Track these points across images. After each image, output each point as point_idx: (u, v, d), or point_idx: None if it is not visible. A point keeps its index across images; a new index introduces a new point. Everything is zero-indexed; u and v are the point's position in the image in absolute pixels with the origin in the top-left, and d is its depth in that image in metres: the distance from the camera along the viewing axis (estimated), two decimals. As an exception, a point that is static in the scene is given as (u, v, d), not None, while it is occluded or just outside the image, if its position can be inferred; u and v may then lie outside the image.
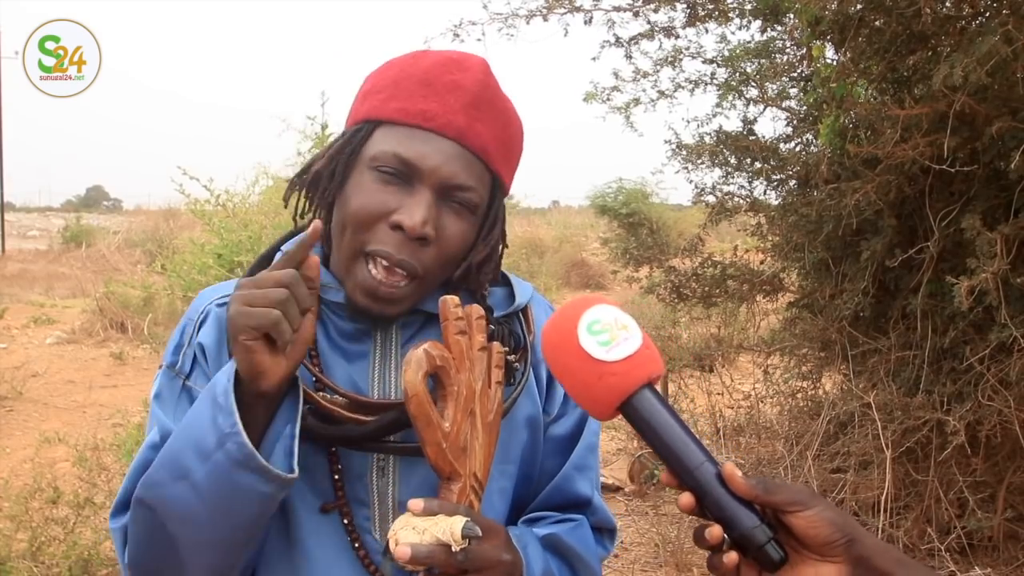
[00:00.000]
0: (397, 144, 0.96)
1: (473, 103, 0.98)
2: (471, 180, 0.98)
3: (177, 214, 16.74)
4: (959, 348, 3.19)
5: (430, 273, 0.98)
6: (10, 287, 12.94)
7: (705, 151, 4.12)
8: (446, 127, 0.96)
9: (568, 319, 0.83)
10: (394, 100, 0.98)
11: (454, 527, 0.82)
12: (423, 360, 0.87)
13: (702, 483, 0.78)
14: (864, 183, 3.11)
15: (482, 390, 0.93)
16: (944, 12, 2.95)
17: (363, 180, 0.97)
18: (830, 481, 3.66)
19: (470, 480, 0.90)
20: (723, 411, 4.79)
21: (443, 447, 0.88)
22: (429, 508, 0.85)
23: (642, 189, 9.84)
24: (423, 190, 0.95)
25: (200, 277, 3.29)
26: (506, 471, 1.06)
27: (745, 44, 4.12)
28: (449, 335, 0.91)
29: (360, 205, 0.96)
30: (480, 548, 0.85)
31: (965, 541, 3.37)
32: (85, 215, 24.39)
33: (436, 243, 0.96)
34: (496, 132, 1.00)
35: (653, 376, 0.81)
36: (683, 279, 4.46)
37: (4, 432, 5.97)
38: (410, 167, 0.95)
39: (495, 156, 1.00)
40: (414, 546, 0.82)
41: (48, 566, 3.15)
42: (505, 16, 3.63)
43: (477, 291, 1.06)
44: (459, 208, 0.98)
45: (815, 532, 0.75)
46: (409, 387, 0.86)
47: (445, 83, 0.98)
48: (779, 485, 0.77)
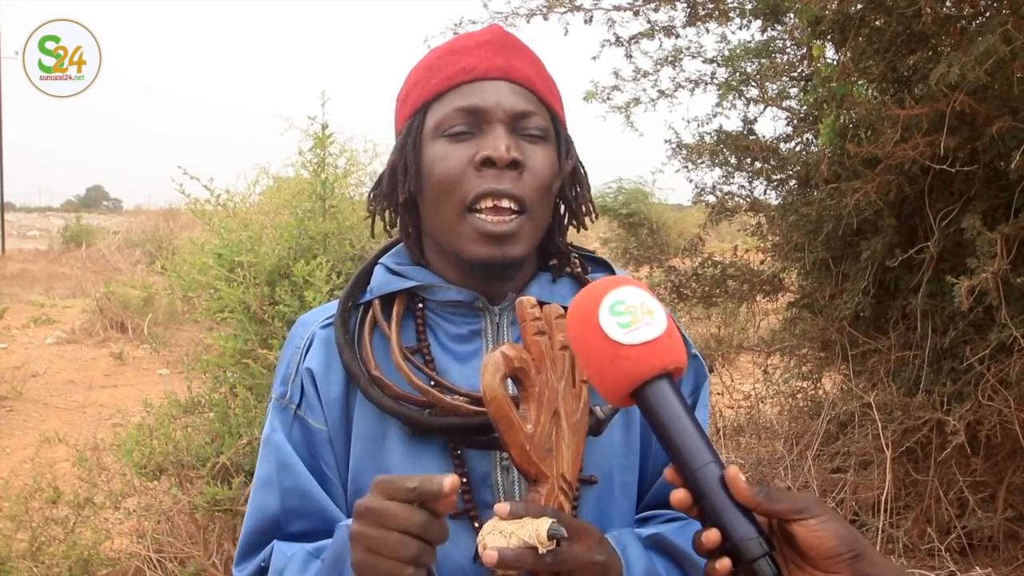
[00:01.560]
0: (454, 102, 0.99)
1: (504, 47, 1.03)
2: (532, 107, 1.01)
3: (177, 214, 16.75)
4: (959, 348, 3.19)
5: (533, 204, 0.98)
6: (10, 287, 12.94)
7: (705, 151, 4.12)
8: (490, 70, 1.00)
9: (593, 297, 0.81)
10: (433, 79, 1.02)
11: (540, 529, 0.80)
12: (500, 362, 0.85)
13: (703, 485, 0.74)
14: (864, 183, 3.11)
15: (565, 389, 0.91)
16: (944, 12, 2.95)
17: (436, 150, 0.99)
18: (830, 481, 3.66)
19: (558, 481, 0.88)
20: (723, 411, 4.79)
21: (527, 449, 0.86)
22: (516, 511, 0.82)
23: (642, 189, 9.83)
24: (495, 127, 0.98)
25: (200, 277, 3.28)
26: (629, 463, 1.04)
27: (745, 44, 4.12)
28: (527, 335, 0.89)
29: (444, 167, 0.98)
30: (570, 549, 0.83)
31: (965, 541, 3.37)
32: (85, 215, 24.38)
33: (527, 169, 0.98)
34: (534, 68, 1.04)
35: (670, 366, 0.78)
36: (683, 279, 4.45)
37: (4, 432, 5.97)
38: (474, 114, 0.98)
39: (541, 87, 1.03)
40: (501, 550, 0.80)
41: (48, 566, 3.15)
42: (505, 15, 3.63)
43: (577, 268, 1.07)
44: (532, 138, 1.00)
45: (819, 543, 0.71)
46: (487, 390, 0.84)
47: (471, 44, 1.03)
48: (783, 493, 0.73)
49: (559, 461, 0.89)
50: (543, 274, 1.07)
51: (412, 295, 1.04)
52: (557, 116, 1.05)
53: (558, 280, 1.07)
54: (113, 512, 3.46)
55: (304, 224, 3.29)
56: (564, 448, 0.89)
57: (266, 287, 3.16)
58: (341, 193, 3.50)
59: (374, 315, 1.03)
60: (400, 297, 1.04)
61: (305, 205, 3.35)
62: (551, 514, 0.83)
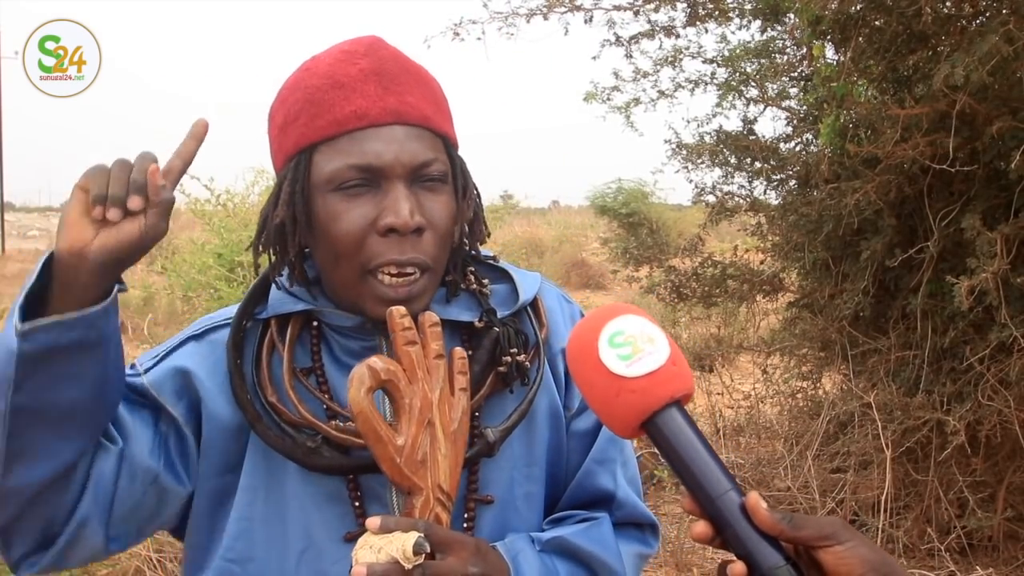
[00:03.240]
0: (346, 156, 0.92)
1: (391, 79, 0.95)
2: (430, 153, 0.95)
3: (177, 214, 16.71)
4: (959, 348, 3.19)
5: (436, 260, 0.96)
6: (10, 287, 12.92)
7: (705, 151, 4.12)
8: (382, 115, 0.93)
9: (591, 329, 0.78)
10: (317, 118, 0.94)
11: (406, 544, 0.80)
12: (366, 375, 0.84)
13: (724, 513, 0.72)
14: (864, 183, 3.11)
15: (442, 399, 0.89)
16: (945, 12, 2.95)
17: (329, 205, 0.93)
18: (830, 481, 3.67)
19: (434, 493, 0.87)
20: (723, 411, 4.79)
21: (397, 462, 0.85)
22: (385, 525, 0.81)
23: (641, 189, 9.83)
24: (394, 184, 0.92)
25: (200, 277, 3.29)
26: (532, 474, 1.02)
27: (745, 44, 4.12)
28: (398, 346, 0.88)
29: (342, 229, 0.92)
30: (442, 564, 0.83)
31: (965, 541, 3.37)
32: (85, 215, 24.30)
33: (429, 228, 0.94)
34: (424, 95, 0.97)
35: (678, 395, 0.75)
36: (683, 279, 4.46)
37: (4, 432, 5.97)
38: (371, 171, 0.92)
39: (434, 118, 0.97)
40: (370, 566, 0.79)
41: (48, 566, 3.14)
42: (505, 15, 3.63)
43: (472, 284, 1.04)
44: (432, 185, 0.95)
45: (847, 570, 0.69)
46: (354, 404, 0.83)
47: (354, 75, 0.94)
48: (807, 519, 0.71)
49: (435, 472, 0.87)
50: (439, 291, 1.03)
51: (310, 315, 1.02)
52: (451, 142, 1.00)
53: (453, 299, 1.03)
54: (113, 512, 3.46)
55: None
56: (440, 458, 0.88)
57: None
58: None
59: (271, 335, 1.00)
60: (296, 317, 1.01)
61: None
62: (422, 528, 0.82)
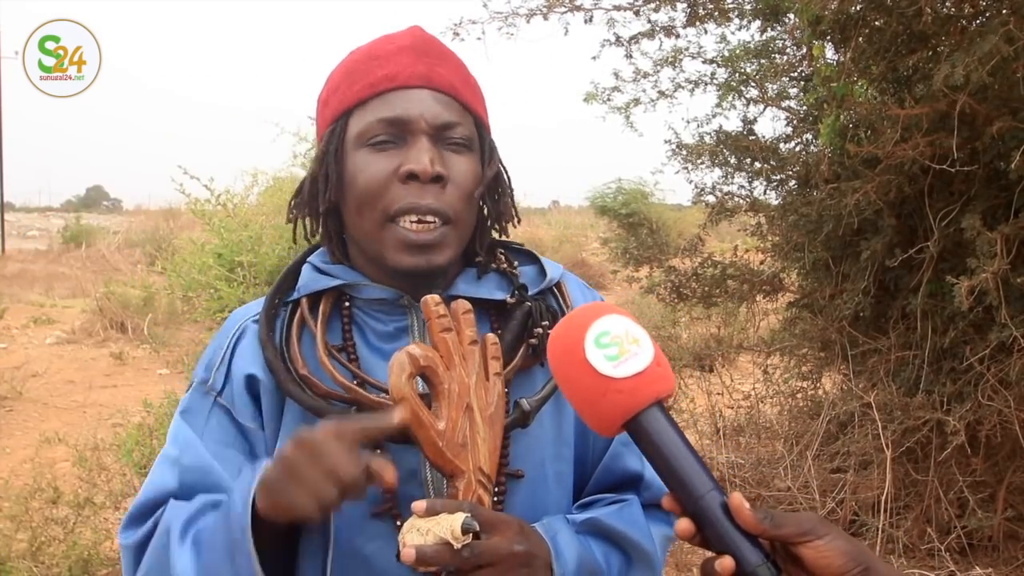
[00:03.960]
0: (376, 112, 0.98)
1: (424, 52, 1.02)
2: (455, 116, 1.00)
3: (177, 214, 16.75)
4: (959, 348, 3.19)
5: (457, 214, 0.99)
6: (10, 287, 12.94)
7: (705, 151, 4.12)
8: (411, 78, 0.99)
9: (576, 328, 0.79)
10: (354, 84, 1.01)
11: (454, 524, 0.82)
12: (406, 362, 0.86)
13: (707, 512, 0.74)
14: (864, 183, 3.11)
15: (478, 383, 0.92)
16: (945, 12, 2.95)
17: (359, 160, 0.99)
18: (830, 481, 3.67)
19: (475, 475, 0.89)
20: (723, 411, 4.79)
21: (439, 446, 0.87)
22: (432, 508, 0.84)
23: (641, 189, 9.83)
24: (418, 139, 0.97)
25: (200, 277, 3.29)
26: (561, 454, 1.04)
27: (745, 44, 4.12)
28: (434, 333, 0.90)
29: (367, 178, 0.97)
30: (487, 542, 0.84)
31: (965, 541, 3.38)
32: (85, 215, 24.35)
33: (451, 182, 0.98)
34: (455, 71, 1.03)
35: (662, 395, 0.77)
36: (683, 279, 4.46)
37: (4, 432, 5.97)
38: (397, 125, 0.98)
39: (464, 92, 1.03)
40: (419, 547, 0.81)
41: (48, 566, 3.15)
42: (505, 15, 3.63)
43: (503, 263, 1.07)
44: (456, 147, 1.00)
45: (827, 563, 0.72)
46: (395, 390, 0.85)
47: (391, 50, 1.02)
48: (787, 516, 0.74)
49: (475, 455, 0.90)
50: (468, 270, 1.07)
51: (339, 294, 1.04)
52: (481, 122, 1.05)
53: (484, 276, 1.06)
54: (113, 512, 3.46)
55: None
56: (479, 442, 0.90)
57: (266, 287, 3.17)
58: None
59: (302, 313, 1.03)
60: (327, 296, 1.04)
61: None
62: (467, 508, 0.84)
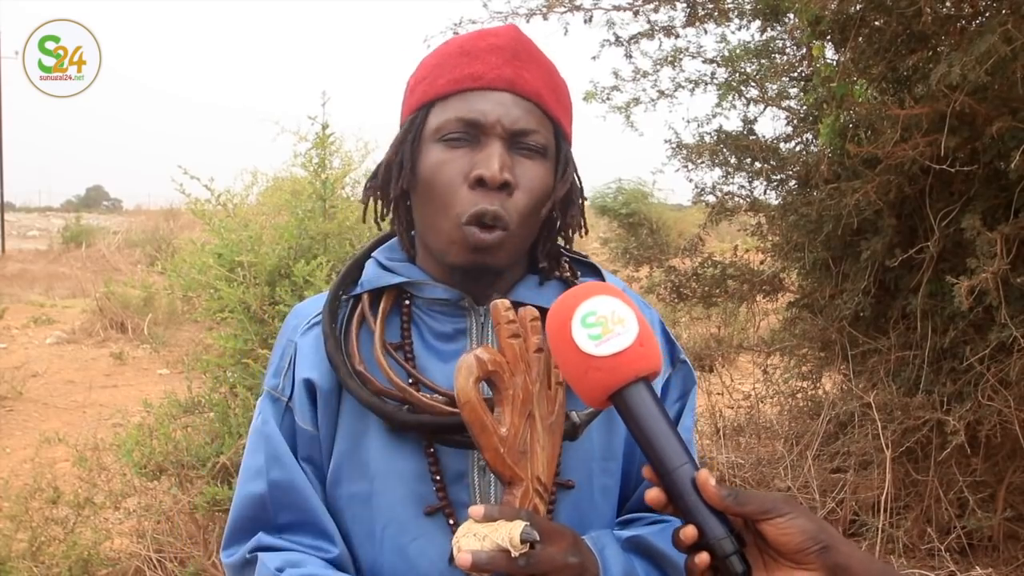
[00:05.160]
0: (456, 110, 0.99)
1: (514, 55, 1.02)
2: (533, 123, 1.00)
3: (177, 214, 16.76)
4: (959, 348, 3.19)
5: (519, 223, 0.99)
6: (10, 287, 12.94)
7: (705, 151, 4.12)
8: (496, 80, 0.99)
9: (567, 307, 0.83)
10: (440, 77, 1.01)
11: (513, 532, 0.81)
12: (474, 365, 0.86)
13: (678, 486, 0.79)
14: (864, 183, 3.11)
15: (541, 392, 0.91)
16: (944, 12, 2.95)
17: (432, 154, 0.99)
18: (830, 481, 3.67)
19: (533, 484, 0.89)
20: (723, 411, 4.78)
21: (500, 452, 0.87)
22: (490, 514, 0.83)
23: (641, 189, 9.84)
24: (492, 142, 0.98)
25: (200, 277, 3.28)
26: (609, 468, 1.04)
27: (745, 44, 4.11)
28: (502, 338, 0.90)
29: (439, 177, 0.98)
30: (543, 552, 0.84)
31: (965, 541, 3.37)
32: (85, 215, 24.33)
33: (519, 189, 0.98)
34: (544, 79, 1.03)
35: (642, 374, 0.81)
36: (683, 279, 4.45)
37: (4, 432, 5.97)
38: (474, 125, 0.98)
39: (549, 100, 1.02)
40: (475, 553, 0.81)
41: (48, 566, 3.15)
42: (505, 15, 3.63)
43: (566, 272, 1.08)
44: (529, 153, 1.00)
45: (787, 539, 0.76)
46: (461, 393, 0.85)
47: (483, 47, 1.02)
48: (751, 495, 0.78)
49: (534, 463, 0.89)
50: (531, 276, 1.07)
51: (401, 291, 1.05)
52: (562, 131, 1.05)
53: (546, 283, 1.07)
54: (113, 512, 3.46)
55: (304, 224, 3.29)
56: (539, 450, 0.90)
57: (266, 287, 3.16)
58: (340, 193, 3.50)
59: (362, 309, 1.04)
60: (389, 293, 1.05)
61: (305, 205, 3.35)
62: (525, 517, 0.83)
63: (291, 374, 1.04)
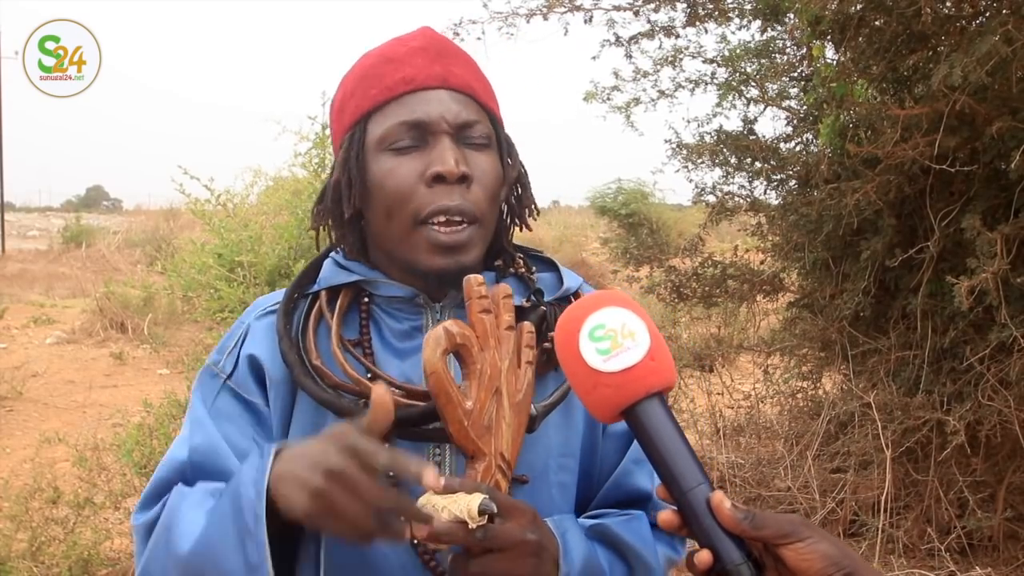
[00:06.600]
0: (397, 116, 0.99)
1: (439, 54, 1.03)
2: (473, 115, 1.01)
3: (177, 214, 16.76)
4: (959, 348, 3.19)
5: (483, 213, 1.00)
6: (10, 287, 12.94)
7: (705, 151, 4.12)
8: (429, 79, 1.00)
9: (574, 319, 0.79)
10: (371, 88, 1.02)
11: (471, 504, 0.81)
12: (442, 337, 0.86)
13: (692, 507, 0.75)
14: (864, 183, 3.11)
15: (509, 369, 0.91)
16: (944, 12, 2.95)
17: (382, 164, 1.00)
18: (830, 481, 3.67)
19: (496, 459, 0.89)
20: (723, 411, 4.79)
21: (464, 425, 0.86)
22: (450, 485, 0.82)
23: (641, 189, 9.85)
24: (441, 139, 0.98)
25: (200, 277, 3.29)
26: (566, 465, 1.04)
27: (745, 44, 4.12)
28: (473, 313, 0.90)
29: (393, 183, 0.98)
30: (501, 527, 0.84)
31: (965, 541, 3.37)
32: (85, 215, 24.32)
33: (475, 182, 0.99)
34: (470, 71, 1.05)
35: (654, 390, 0.77)
36: (683, 279, 4.45)
37: (4, 432, 5.97)
38: (418, 127, 0.99)
39: (479, 91, 1.04)
40: (433, 523, 0.80)
41: (48, 566, 3.15)
42: (505, 15, 3.63)
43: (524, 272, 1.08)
44: (476, 145, 1.01)
45: (807, 565, 0.71)
46: (427, 364, 0.85)
47: (405, 52, 1.03)
48: (769, 517, 0.73)
49: (498, 439, 0.89)
50: (487, 274, 1.06)
51: (359, 290, 1.06)
52: (496, 119, 1.07)
53: (502, 280, 1.06)
54: (113, 512, 3.46)
55: (304, 224, 3.29)
56: (504, 427, 0.90)
57: (266, 287, 3.17)
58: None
59: (320, 306, 1.04)
60: (346, 291, 1.05)
61: (305, 205, 3.36)
62: (485, 490, 0.83)
63: (236, 352, 1.04)
